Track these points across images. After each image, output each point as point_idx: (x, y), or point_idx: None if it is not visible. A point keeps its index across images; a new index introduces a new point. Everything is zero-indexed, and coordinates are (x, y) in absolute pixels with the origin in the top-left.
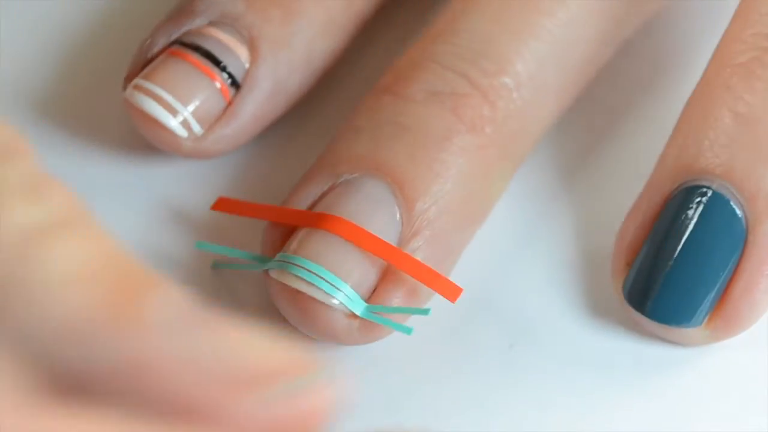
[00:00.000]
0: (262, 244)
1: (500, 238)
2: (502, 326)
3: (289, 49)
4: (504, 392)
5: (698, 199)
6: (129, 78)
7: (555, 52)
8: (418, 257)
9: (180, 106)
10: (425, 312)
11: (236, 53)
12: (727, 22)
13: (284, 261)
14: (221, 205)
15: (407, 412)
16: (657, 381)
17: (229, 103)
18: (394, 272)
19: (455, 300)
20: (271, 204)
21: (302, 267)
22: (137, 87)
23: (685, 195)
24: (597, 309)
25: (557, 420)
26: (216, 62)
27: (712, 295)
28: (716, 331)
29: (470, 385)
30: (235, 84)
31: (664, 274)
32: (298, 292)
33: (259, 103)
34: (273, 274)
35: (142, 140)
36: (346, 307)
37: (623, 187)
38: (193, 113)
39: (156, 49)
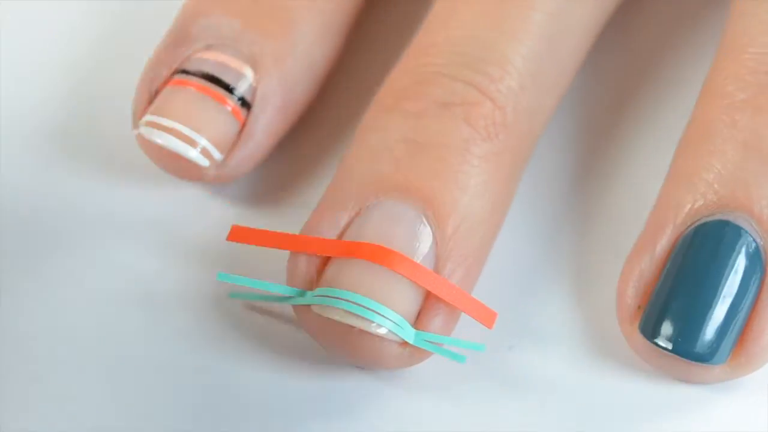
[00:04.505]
0: (289, 276)
1: (501, 241)
2: (501, 328)
3: (292, 60)
4: (503, 394)
5: (718, 233)
6: (137, 114)
7: (549, 47)
8: (455, 280)
9: (197, 136)
10: (480, 348)
11: (242, 73)
12: None
13: (327, 296)
14: (236, 234)
15: (405, 413)
16: (657, 382)
17: (243, 124)
18: (435, 297)
19: (492, 326)
20: (285, 232)
21: (348, 300)
22: (151, 123)
23: (702, 230)
24: (597, 311)
25: (557, 422)
26: (223, 85)
27: (737, 328)
28: (737, 368)
29: (469, 387)
30: (245, 104)
31: (689, 310)
32: (347, 325)
33: (272, 118)
34: (316, 309)
35: (146, 172)
36: (399, 336)
37: (626, 192)
38: (211, 140)
39: (159, 82)
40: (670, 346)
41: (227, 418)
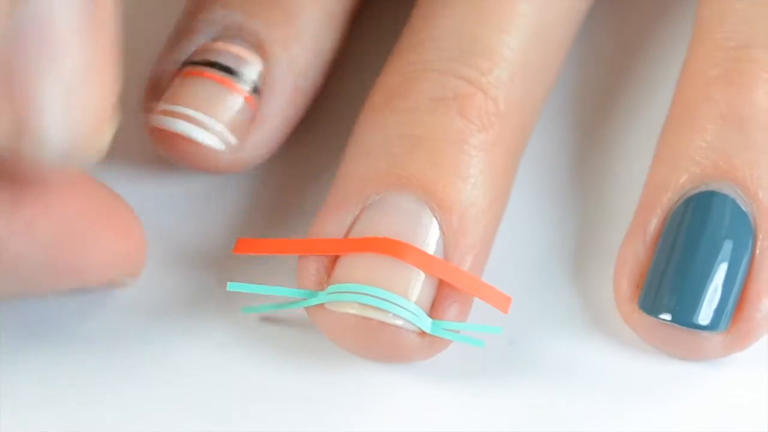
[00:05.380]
0: (300, 278)
1: (500, 235)
2: (501, 322)
3: (299, 46)
4: (502, 389)
5: (705, 204)
6: (147, 109)
7: (536, 36)
8: (465, 267)
9: (212, 121)
10: (497, 330)
11: (249, 61)
12: None
13: (340, 291)
14: (243, 246)
15: (404, 408)
16: (658, 378)
17: (256, 110)
18: (448, 284)
19: (507, 310)
20: (289, 237)
21: (362, 293)
22: (165, 112)
23: (690, 203)
24: (598, 306)
25: (556, 417)
26: (233, 73)
27: (733, 294)
28: (737, 335)
29: (468, 382)
30: (256, 91)
31: (685, 280)
32: (364, 319)
33: (284, 103)
34: (331, 306)
35: (146, 186)
36: (416, 326)
37: (625, 186)
38: (225, 125)
39: (167, 75)
40: (669, 317)
41: (241, 418)
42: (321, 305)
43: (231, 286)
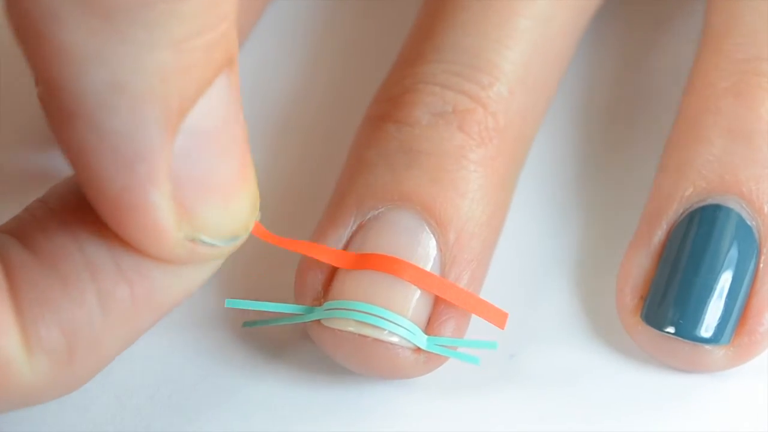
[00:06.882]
0: (297, 294)
1: (501, 247)
2: (502, 336)
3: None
4: (503, 402)
5: (710, 217)
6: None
7: (536, 50)
8: (462, 283)
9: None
10: (492, 346)
11: None
12: None
13: (337, 308)
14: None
15: (402, 423)
16: (661, 389)
17: None
18: (444, 302)
19: (504, 326)
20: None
21: (358, 311)
22: None
23: (695, 216)
24: (598, 319)
25: (558, 430)
26: None
27: (737, 308)
28: (739, 349)
29: (470, 395)
30: None
31: (689, 293)
32: (360, 336)
33: None
34: (328, 323)
35: None
36: (411, 343)
37: (629, 196)
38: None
39: None
40: (673, 330)
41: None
42: (318, 321)
43: (229, 303)
